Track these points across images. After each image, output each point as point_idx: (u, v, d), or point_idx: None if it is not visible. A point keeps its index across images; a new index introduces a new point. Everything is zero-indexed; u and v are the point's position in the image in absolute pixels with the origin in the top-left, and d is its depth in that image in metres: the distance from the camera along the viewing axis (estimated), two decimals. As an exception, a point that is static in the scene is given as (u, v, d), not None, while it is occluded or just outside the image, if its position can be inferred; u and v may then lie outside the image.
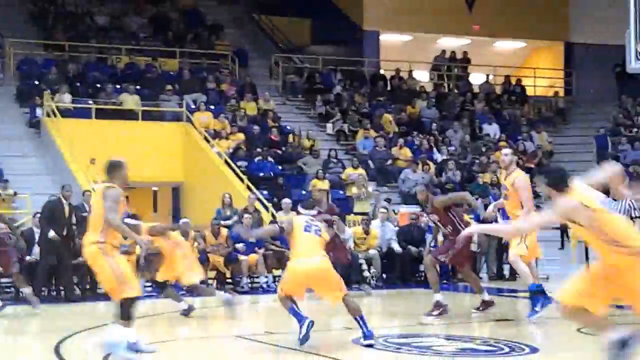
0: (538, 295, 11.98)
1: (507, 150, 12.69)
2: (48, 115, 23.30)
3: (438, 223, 13.14)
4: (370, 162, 24.40)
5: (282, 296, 10.34)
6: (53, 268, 16.00)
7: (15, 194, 20.11)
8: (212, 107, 25.53)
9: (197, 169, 23.74)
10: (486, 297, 13.10)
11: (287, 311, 10.31)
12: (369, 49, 31.74)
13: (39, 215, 16.58)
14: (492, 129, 27.87)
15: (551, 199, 7.27)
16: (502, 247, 18.75)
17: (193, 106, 25.23)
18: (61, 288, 16.19)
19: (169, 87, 25.78)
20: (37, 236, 16.38)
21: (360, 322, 10.08)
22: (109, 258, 8.93)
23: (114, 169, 9.22)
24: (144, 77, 26.68)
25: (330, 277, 10.29)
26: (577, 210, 7.02)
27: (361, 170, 23.15)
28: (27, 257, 16.20)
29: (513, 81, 32.00)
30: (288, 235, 10.51)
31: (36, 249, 16.25)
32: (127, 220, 13.87)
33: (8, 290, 16.52)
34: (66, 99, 24.01)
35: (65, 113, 23.39)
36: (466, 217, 21.13)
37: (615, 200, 15.09)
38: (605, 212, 7.08)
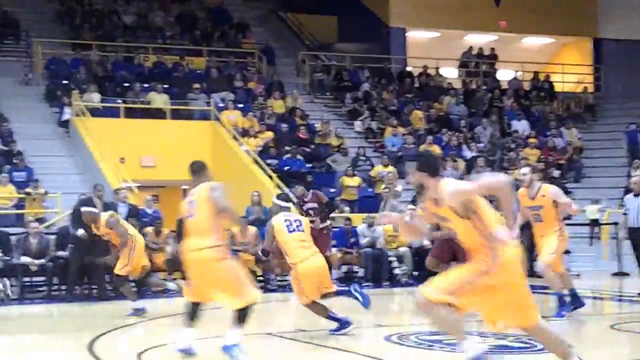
0: (566, 302, 11.80)
1: (525, 169, 11.90)
2: (77, 115, 23.39)
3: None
4: (399, 159, 24.32)
5: (308, 303, 10.52)
6: (84, 266, 16.06)
7: (46, 193, 20.20)
8: (240, 105, 25.55)
9: (226, 168, 23.70)
10: None
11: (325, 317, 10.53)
12: (396, 46, 31.65)
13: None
14: (521, 126, 27.73)
15: (422, 187, 6.85)
16: (533, 244, 18.61)
17: (221, 105, 25.25)
18: (93, 287, 16.24)
19: (197, 85, 25.83)
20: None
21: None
22: (227, 262, 8.68)
23: (201, 169, 9.09)
24: (172, 76, 26.73)
25: (327, 272, 10.77)
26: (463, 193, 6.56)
27: (392, 168, 23.05)
28: (60, 253, 16.31)
29: (541, 77, 31.81)
30: (277, 243, 10.71)
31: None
32: (85, 208, 14.11)
33: (41, 289, 16.64)
34: (95, 98, 24.10)
35: (94, 112, 23.46)
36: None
37: (636, 196, 14.96)
38: (481, 200, 6.66)
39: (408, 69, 31.07)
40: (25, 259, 16.12)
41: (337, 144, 24.62)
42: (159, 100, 24.71)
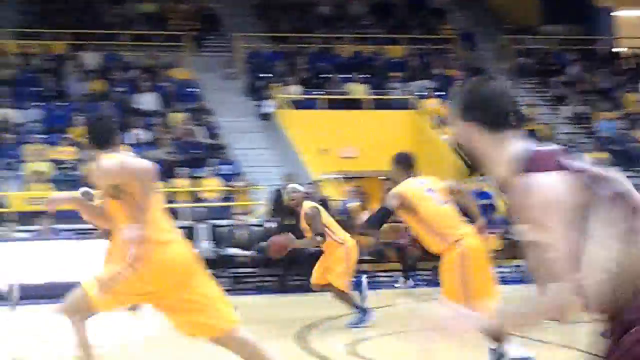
0: None
1: None
2: (278, 107, 23.50)
3: None
4: (611, 145, 23.13)
5: None
6: (292, 257, 15.91)
7: (251, 185, 20.36)
8: (440, 93, 24.98)
9: (427, 157, 23.23)
10: None
11: None
12: (603, 26, 30.38)
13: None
14: None
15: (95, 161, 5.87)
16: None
17: (420, 93, 24.79)
18: (302, 277, 16.12)
19: (396, 74, 25.48)
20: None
21: None
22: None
23: (414, 162, 8.48)
24: (370, 66, 26.49)
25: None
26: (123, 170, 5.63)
27: (604, 154, 21.89)
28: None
29: None
30: None
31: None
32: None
33: (250, 280, 16.73)
34: (295, 91, 24.18)
35: (295, 104, 23.52)
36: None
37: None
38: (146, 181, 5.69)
39: (617, 50, 29.68)
40: (233, 251, 16.24)
41: (542, 129, 23.70)
42: (358, 90, 24.53)
